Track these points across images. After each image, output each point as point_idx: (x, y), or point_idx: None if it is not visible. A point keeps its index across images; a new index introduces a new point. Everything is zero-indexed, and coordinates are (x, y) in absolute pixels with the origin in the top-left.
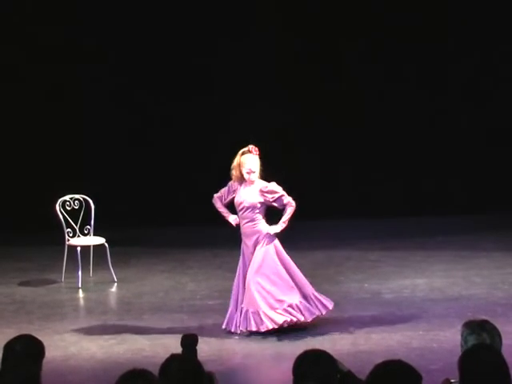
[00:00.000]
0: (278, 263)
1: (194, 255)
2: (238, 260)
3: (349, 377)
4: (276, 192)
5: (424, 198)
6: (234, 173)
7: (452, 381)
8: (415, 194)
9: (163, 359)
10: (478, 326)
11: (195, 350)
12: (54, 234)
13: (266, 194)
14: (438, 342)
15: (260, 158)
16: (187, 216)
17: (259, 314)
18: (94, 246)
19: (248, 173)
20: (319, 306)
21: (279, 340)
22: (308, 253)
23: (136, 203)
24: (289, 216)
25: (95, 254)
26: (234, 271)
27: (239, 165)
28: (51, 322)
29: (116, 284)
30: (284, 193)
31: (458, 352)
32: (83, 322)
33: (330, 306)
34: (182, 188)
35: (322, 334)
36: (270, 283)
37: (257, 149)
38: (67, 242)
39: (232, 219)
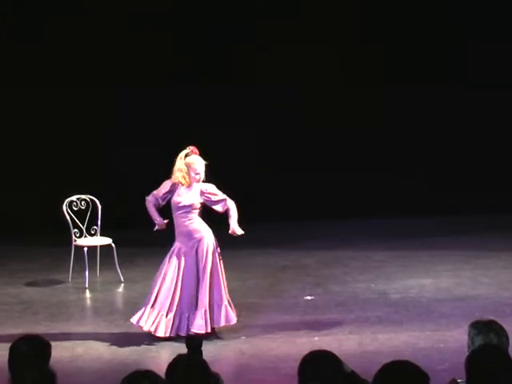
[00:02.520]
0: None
1: None
2: (165, 263)
3: (352, 377)
4: (216, 194)
5: (430, 197)
6: (178, 175)
7: (459, 381)
8: (421, 194)
9: (170, 360)
10: (485, 327)
11: (201, 351)
12: (60, 235)
13: (207, 195)
14: (444, 342)
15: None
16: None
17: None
18: (100, 246)
19: (198, 174)
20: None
21: (286, 341)
22: (314, 253)
23: (143, 203)
24: (236, 218)
25: (102, 254)
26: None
27: (187, 166)
28: (58, 322)
29: (123, 284)
30: (225, 196)
31: (465, 352)
32: (90, 322)
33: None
34: None
35: (329, 334)
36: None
37: (196, 149)
38: (74, 243)
39: (159, 220)
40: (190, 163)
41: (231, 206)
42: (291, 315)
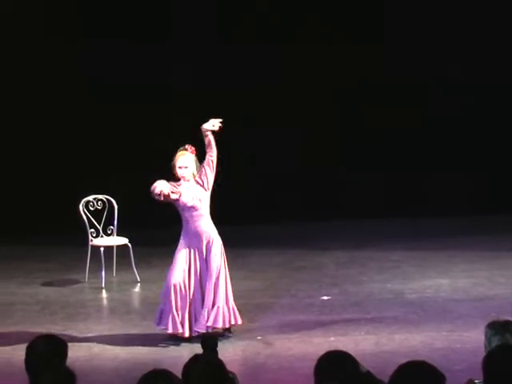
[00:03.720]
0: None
1: None
2: (175, 258)
3: (368, 377)
4: (203, 166)
5: (446, 197)
6: (174, 172)
7: (476, 381)
8: (437, 194)
9: (186, 359)
10: (502, 327)
11: (216, 351)
12: (77, 235)
13: (203, 176)
14: (461, 342)
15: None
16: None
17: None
18: (117, 246)
19: (180, 168)
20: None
21: (302, 341)
22: (330, 253)
23: (159, 203)
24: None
25: (118, 254)
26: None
27: (175, 163)
28: (75, 322)
29: (139, 284)
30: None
31: (482, 353)
32: (107, 322)
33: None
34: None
35: (345, 334)
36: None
37: (193, 148)
38: (90, 243)
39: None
40: (176, 159)
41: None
42: (307, 315)
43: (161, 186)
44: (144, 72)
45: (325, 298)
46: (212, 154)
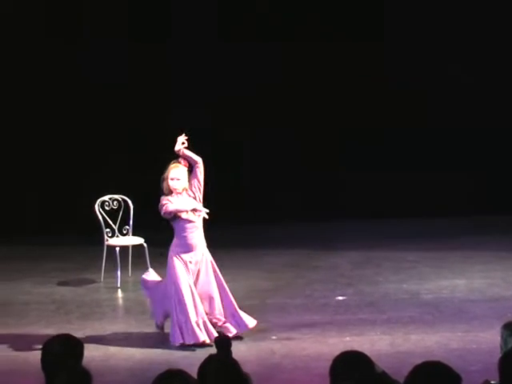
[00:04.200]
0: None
1: (232, 255)
2: (174, 272)
3: (383, 378)
4: (193, 179)
5: (463, 197)
6: (164, 185)
7: (492, 382)
8: (454, 194)
9: (201, 360)
10: None
11: (230, 351)
12: (93, 234)
13: (194, 189)
14: (477, 343)
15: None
16: (226, 216)
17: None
18: (132, 246)
19: (172, 179)
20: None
21: (317, 341)
22: (346, 253)
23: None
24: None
25: (134, 254)
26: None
27: (167, 175)
28: (90, 321)
29: None
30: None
31: (498, 353)
32: (122, 321)
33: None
34: (221, 188)
35: (360, 334)
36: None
37: (186, 162)
38: (106, 242)
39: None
40: (166, 172)
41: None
42: (322, 315)
43: (171, 206)
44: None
45: (340, 298)
46: (199, 166)
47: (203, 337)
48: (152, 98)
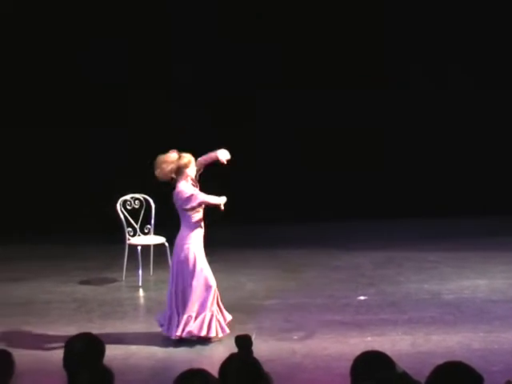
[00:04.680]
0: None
1: (254, 255)
2: (205, 265)
3: (404, 378)
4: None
5: (485, 197)
6: (176, 170)
7: None
8: (476, 194)
9: (223, 359)
10: None
11: (251, 351)
12: (114, 234)
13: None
14: (499, 343)
15: None
16: (247, 216)
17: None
18: (154, 245)
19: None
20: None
21: (338, 341)
22: (368, 253)
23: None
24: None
25: (155, 253)
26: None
27: (186, 165)
28: (111, 320)
29: None
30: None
31: None
32: (143, 320)
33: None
34: (242, 188)
35: (381, 334)
36: None
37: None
38: (128, 242)
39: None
40: (187, 162)
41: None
42: (344, 315)
43: (208, 198)
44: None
45: (361, 298)
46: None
47: (227, 329)
48: (151, 98)
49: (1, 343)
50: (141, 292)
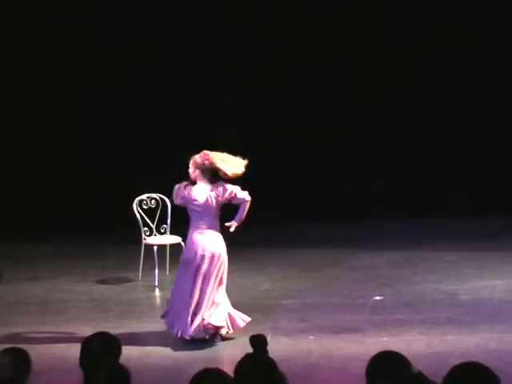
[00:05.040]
0: None
1: (270, 255)
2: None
3: (420, 379)
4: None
5: (502, 197)
6: (209, 170)
7: None
8: (493, 194)
9: (238, 358)
10: None
11: (266, 350)
12: (130, 233)
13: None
14: None
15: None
16: (264, 216)
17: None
18: (170, 244)
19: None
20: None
21: (354, 340)
22: (384, 253)
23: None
24: None
25: (172, 252)
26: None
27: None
28: (128, 319)
29: None
30: None
31: None
32: (159, 320)
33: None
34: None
35: (397, 334)
36: None
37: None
38: (144, 241)
39: None
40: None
41: None
42: (360, 315)
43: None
44: None
45: (377, 298)
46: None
47: (242, 324)
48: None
49: (18, 342)
50: (157, 292)
